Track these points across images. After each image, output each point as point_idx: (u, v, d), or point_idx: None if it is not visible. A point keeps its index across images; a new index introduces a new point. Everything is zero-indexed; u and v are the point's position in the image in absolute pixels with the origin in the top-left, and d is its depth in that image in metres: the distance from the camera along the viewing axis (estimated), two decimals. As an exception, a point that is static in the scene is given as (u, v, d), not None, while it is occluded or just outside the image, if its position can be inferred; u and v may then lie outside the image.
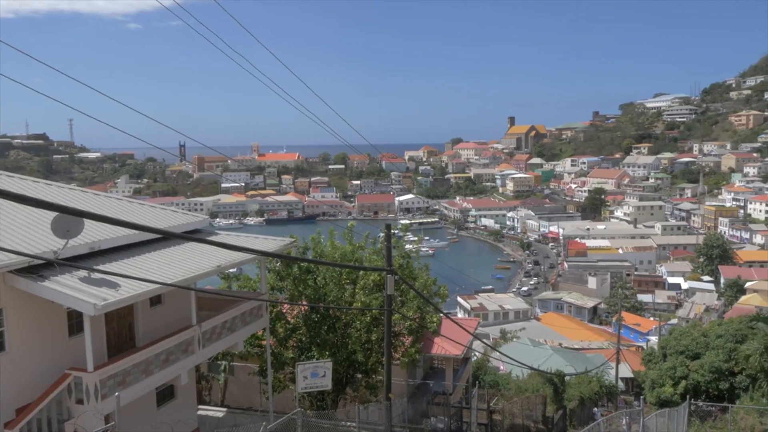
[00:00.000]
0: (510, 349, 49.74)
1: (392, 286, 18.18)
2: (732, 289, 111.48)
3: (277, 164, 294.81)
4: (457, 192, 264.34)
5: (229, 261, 18.22)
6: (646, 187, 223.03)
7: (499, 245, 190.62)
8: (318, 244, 24.86)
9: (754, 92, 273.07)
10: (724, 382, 34.68)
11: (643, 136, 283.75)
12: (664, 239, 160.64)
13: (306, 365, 19.45)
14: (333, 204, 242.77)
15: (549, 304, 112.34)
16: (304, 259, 23.77)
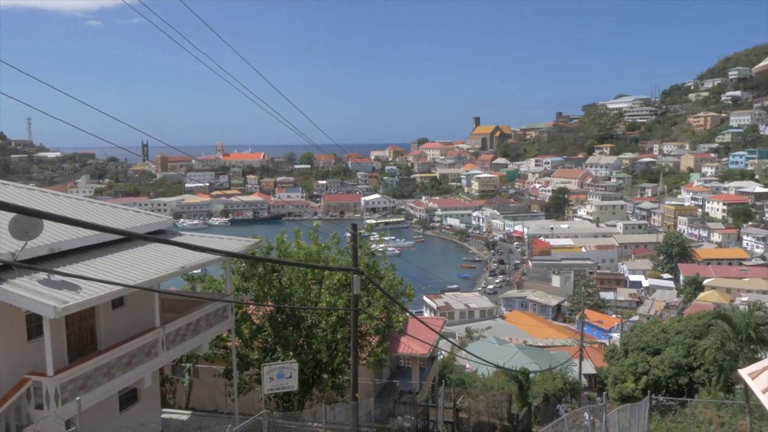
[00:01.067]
0: (476, 347, 50.20)
1: (358, 286, 18.20)
2: (691, 286, 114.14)
3: (242, 164, 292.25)
4: (422, 192, 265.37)
5: (193, 262, 18.04)
6: (608, 187, 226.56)
7: (464, 245, 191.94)
8: (283, 244, 24.74)
9: (712, 94, 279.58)
10: (684, 377, 35.54)
11: (605, 136, 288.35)
12: (626, 238, 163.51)
13: (272, 366, 19.36)
14: (299, 204, 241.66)
15: (514, 302, 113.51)
16: (270, 260, 23.64)
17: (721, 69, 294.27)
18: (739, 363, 24.71)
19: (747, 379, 8.46)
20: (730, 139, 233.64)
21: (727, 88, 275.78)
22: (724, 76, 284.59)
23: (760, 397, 7.96)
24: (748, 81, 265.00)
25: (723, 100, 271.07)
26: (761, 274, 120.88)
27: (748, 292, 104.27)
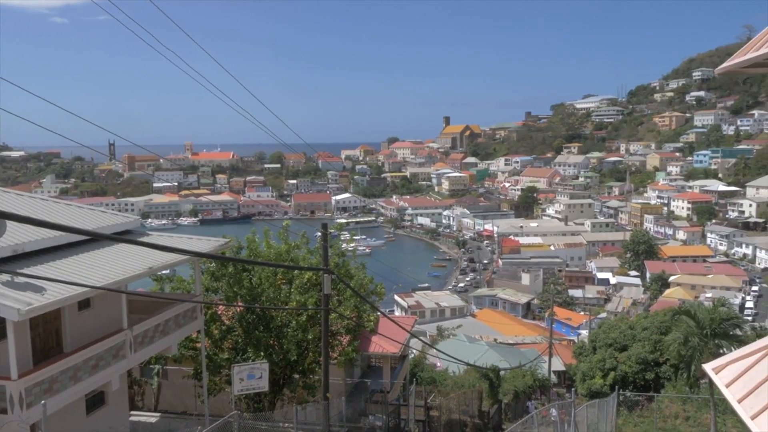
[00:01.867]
0: (447, 345, 50.43)
1: (329, 286, 18.16)
2: (657, 283, 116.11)
3: (212, 163, 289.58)
4: (393, 191, 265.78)
5: (161, 262, 17.83)
6: (576, 186, 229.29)
7: (435, 243, 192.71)
8: (253, 243, 24.58)
9: (676, 94, 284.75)
10: (650, 372, 36.18)
11: (573, 136, 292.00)
12: (594, 236, 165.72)
13: (242, 367, 19.22)
14: (269, 203, 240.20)
15: (484, 300, 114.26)
16: (239, 260, 23.45)
17: (686, 70, 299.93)
18: (704, 358, 25.22)
19: (711, 374, 8.62)
20: (694, 139, 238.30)
21: (692, 88, 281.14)
22: (689, 77, 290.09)
23: (724, 391, 8.12)
24: (712, 82, 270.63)
25: (687, 100, 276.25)
26: (724, 270, 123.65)
27: (712, 289, 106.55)
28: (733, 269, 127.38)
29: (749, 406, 7.43)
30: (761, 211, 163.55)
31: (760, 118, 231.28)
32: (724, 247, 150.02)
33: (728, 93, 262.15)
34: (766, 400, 7.25)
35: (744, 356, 8.43)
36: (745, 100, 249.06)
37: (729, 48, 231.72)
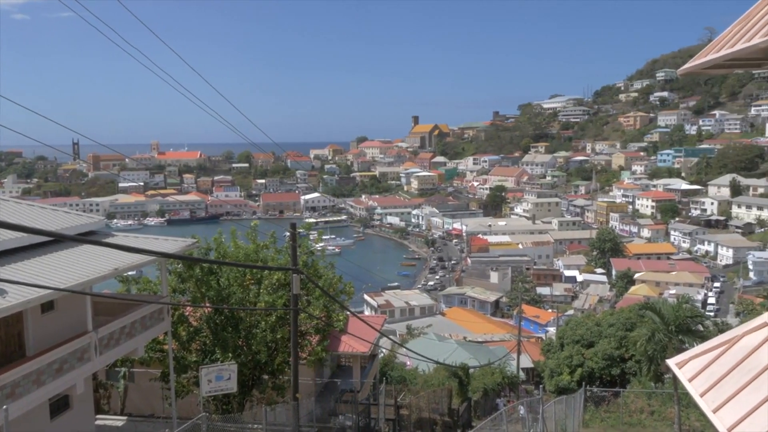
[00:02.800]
0: (416, 344, 50.59)
1: (298, 285, 18.08)
2: (622, 280, 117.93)
3: (179, 163, 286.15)
4: (362, 190, 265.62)
5: (127, 263, 17.57)
6: (543, 185, 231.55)
7: (404, 242, 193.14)
8: (220, 244, 24.34)
9: (641, 95, 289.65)
10: (616, 368, 36.71)
11: (540, 135, 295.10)
12: (561, 234, 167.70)
13: (210, 368, 19.04)
14: (237, 203, 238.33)
15: (453, 299, 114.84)
16: (207, 260, 23.21)
17: (649, 70, 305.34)
18: (668, 353, 25.71)
19: (674, 369, 8.78)
20: (658, 138, 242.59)
21: (655, 89, 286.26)
22: (652, 78, 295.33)
23: (687, 385, 8.27)
24: (675, 82, 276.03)
25: (651, 100, 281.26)
26: (687, 267, 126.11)
27: (675, 285, 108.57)
28: (695, 266, 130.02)
29: (711, 399, 7.59)
30: (722, 209, 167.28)
31: (721, 119, 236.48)
32: (687, 244, 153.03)
33: (690, 93, 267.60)
34: (727, 393, 7.41)
35: (706, 351, 8.61)
36: (707, 100, 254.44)
37: (691, 49, 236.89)
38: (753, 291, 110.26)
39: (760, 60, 8.44)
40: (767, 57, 8.24)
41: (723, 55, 7.34)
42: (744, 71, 43.08)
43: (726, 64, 8.35)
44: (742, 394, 7.20)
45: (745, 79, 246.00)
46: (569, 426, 24.95)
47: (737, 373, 7.63)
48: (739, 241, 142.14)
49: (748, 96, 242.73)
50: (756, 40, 6.51)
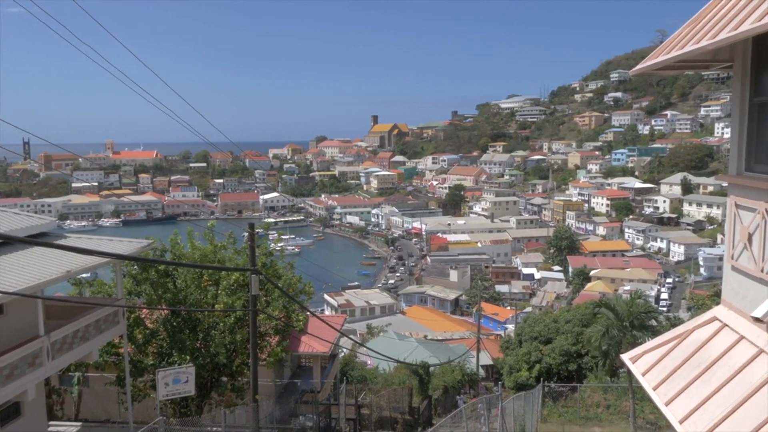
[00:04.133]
0: (377, 343, 50.59)
1: (257, 286, 17.93)
2: (579, 277, 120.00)
3: (134, 162, 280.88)
4: (322, 190, 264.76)
5: (80, 265, 17.15)
6: (501, 184, 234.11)
7: (364, 242, 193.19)
8: (176, 245, 23.96)
9: (595, 95, 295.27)
10: (573, 364, 37.37)
11: (498, 135, 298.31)
12: (519, 232, 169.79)
13: (167, 371, 18.76)
14: (195, 203, 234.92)
15: (413, 297, 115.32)
16: (163, 261, 22.84)
17: (604, 71, 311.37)
18: (622, 348, 26.26)
19: (628, 363, 8.96)
20: (612, 138, 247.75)
21: (609, 89, 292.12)
22: (606, 79, 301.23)
23: (640, 379, 8.45)
24: (628, 83, 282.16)
25: (605, 100, 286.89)
26: (641, 264, 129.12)
27: (630, 282, 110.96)
28: (649, 263, 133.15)
29: (663, 393, 7.77)
30: (674, 207, 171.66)
31: (672, 119, 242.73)
32: (641, 241, 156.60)
33: (643, 94, 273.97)
34: (678, 387, 7.60)
35: (658, 346, 8.81)
36: (659, 101, 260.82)
37: (643, 51, 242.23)
38: (703, 286, 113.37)
39: (708, 62, 8.68)
40: (715, 59, 8.48)
41: (673, 57, 7.52)
42: (694, 73, 44.54)
43: (676, 66, 8.56)
44: (693, 386, 7.39)
45: (695, 81, 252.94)
46: (528, 422, 25.30)
47: (688, 367, 7.83)
48: (690, 238, 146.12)
49: (698, 97, 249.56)
50: (704, 42, 6.69)
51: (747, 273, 7.60)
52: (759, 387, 6.51)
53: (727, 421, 6.49)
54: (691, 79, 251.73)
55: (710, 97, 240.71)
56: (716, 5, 7.36)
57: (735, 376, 6.96)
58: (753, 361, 6.95)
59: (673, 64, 7.92)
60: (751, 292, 7.48)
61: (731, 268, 8.11)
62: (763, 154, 7.51)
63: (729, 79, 20.30)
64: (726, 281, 8.35)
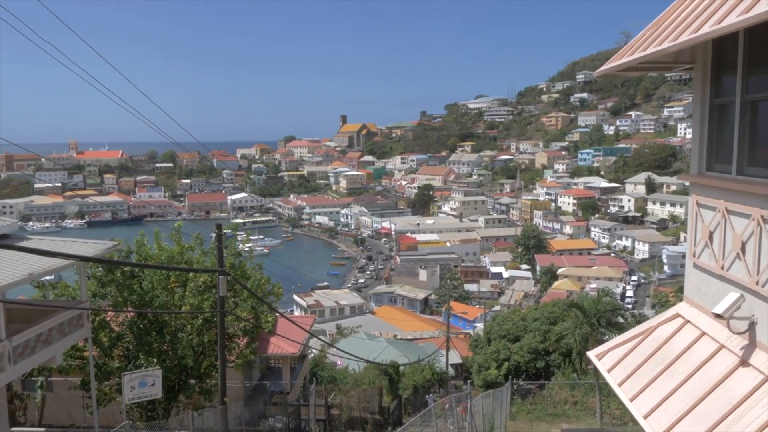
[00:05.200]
0: (346, 343, 50.52)
1: (224, 287, 17.78)
2: (546, 275, 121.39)
3: (99, 162, 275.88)
4: (291, 190, 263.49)
5: (43, 268, 16.81)
6: (470, 183, 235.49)
7: (333, 242, 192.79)
8: (142, 246, 23.62)
9: (562, 96, 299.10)
10: (541, 361, 37.76)
11: (466, 135, 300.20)
12: (487, 232, 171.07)
13: (133, 375, 18.49)
14: (161, 204, 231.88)
15: (383, 297, 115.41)
16: (129, 263, 22.50)
17: (570, 72, 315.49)
18: (589, 346, 26.64)
19: (594, 360, 9.09)
20: (578, 138, 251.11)
21: (575, 90, 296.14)
22: (573, 79, 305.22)
23: (606, 376, 8.58)
24: (594, 84, 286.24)
25: (572, 101, 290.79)
26: (607, 262, 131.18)
27: (596, 280, 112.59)
28: (614, 261, 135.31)
29: (628, 388, 7.90)
30: (638, 206, 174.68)
31: (636, 119, 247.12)
32: (607, 240, 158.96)
33: (608, 95, 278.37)
34: (643, 382, 7.73)
35: (623, 342, 8.96)
36: (624, 102, 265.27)
37: (608, 52, 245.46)
38: (667, 283, 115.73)
39: (671, 63, 8.85)
40: (677, 60, 8.65)
41: (636, 58, 7.65)
42: (657, 74, 44.64)
43: (639, 67, 8.71)
44: (657, 382, 7.53)
45: (658, 82, 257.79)
46: (497, 419, 25.49)
47: (652, 363, 7.97)
48: (654, 237, 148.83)
49: (661, 98, 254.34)
50: (666, 44, 6.82)
51: (708, 270, 7.77)
52: (719, 382, 6.66)
53: (690, 415, 6.63)
54: (655, 81, 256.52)
55: (673, 98, 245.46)
56: (678, 8, 7.51)
57: (697, 371, 7.11)
58: (714, 356, 7.11)
59: (636, 65, 8.06)
60: (712, 289, 7.65)
61: (693, 266, 8.28)
62: (723, 155, 7.68)
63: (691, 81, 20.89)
64: (688, 278, 8.52)
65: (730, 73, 7.38)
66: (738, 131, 7.15)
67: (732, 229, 7.11)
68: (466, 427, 21.58)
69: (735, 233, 7.02)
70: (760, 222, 6.51)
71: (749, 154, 7.06)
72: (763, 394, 6.05)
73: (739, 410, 6.11)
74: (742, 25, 5.40)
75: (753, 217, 6.63)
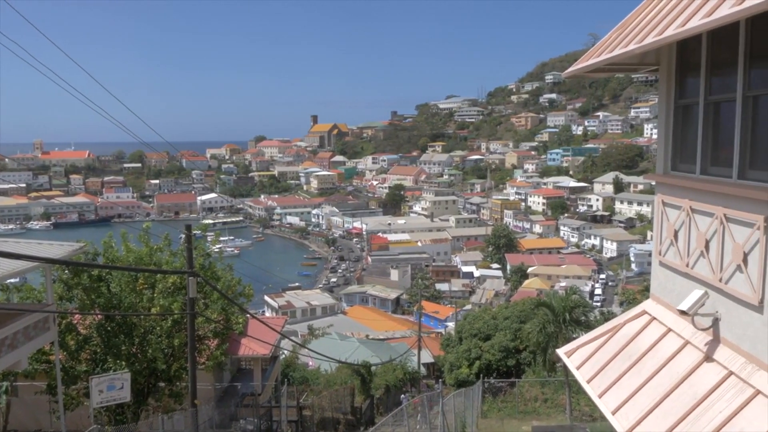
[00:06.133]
0: (318, 344, 50.39)
1: (194, 289, 17.62)
2: (516, 274, 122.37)
3: (65, 163, 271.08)
4: (261, 190, 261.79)
5: (7, 270, 16.48)
6: (440, 183, 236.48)
7: (304, 242, 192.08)
8: (111, 248, 23.26)
9: (531, 96, 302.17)
10: (512, 359, 38.10)
11: (437, 135, 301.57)
12: (458, 231, 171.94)
13: (101, 378, 18.22)
14: (129, 205, 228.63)
15: (354, 297, 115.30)
16: (97, 265, 22.13)
17: (539, 73, 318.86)
18: (559, 343, 26.96)
19: (564, 358, 9.21)
20: (547, 138, 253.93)
21: (544, 90, 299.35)
22: (542, 80, 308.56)
23: (575, 373, 8.70)
24: (562, 85, 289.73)
25: (541, 101, 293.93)
26: (576, 261, 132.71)
27: (565, 278, 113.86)
28: (583, 259, 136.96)
29: (597, 385, 8.02)
30: (606, 205, 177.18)
31: (604, 119, 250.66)
32: (575, 239, 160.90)
33: (577, 96, 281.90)
34: (611, 379, 7.85)
35: (592, 340, 9.09)
36: (592, 102, 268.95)
37: (576, 53, 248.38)
38: (635, 281, 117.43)
39: (637, 65, 9.00)
40: (643, 62, 8.80)
41: (603, 60, 7.76)
42: (624, 75, 45.39)
43: (606, 68, 8.85)
44: (624, 378, 7.65)
45: (625, 83, 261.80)
46: (468, 418, 25.64)
47: (620, 360, 8.10)
48: (622, 235, 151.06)
49: (628, 99, 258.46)
50: (632, 46, 6.93)
51: (674, 268, 7.91)
52: (685, 377, 6.80)
53: (656, 410, 6.75)
54: (622, 82, 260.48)
55: (640, 99, 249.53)
56: (644, 10, 7.65)
57: (663, 367, 7.24)
58: (679, 352, 7.25)
59: (603, 66, 8.18)
60: (677, 286, 7.80)
61: (659, 264, 8.43)
62: (687, 155, 7.84)
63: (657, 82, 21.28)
64: (654, 276, 8.67)
65: (693, 74, 7.54)
66: (701, 132, 7.30)
67: (696, 228, 7.25)
68: (438, 426, 21.67)
69: (699, 232, 7.16)
70: (723, 220, 6.65)
71: (712, 154, 7.21)
72: (727, 388, 6.19)
73: (703, 405, 6.24)
74: (705, 28, 5.52)
75: (716, 215, 6.78)
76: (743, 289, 6.28)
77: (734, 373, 6.23)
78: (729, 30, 6.39)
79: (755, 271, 6.08)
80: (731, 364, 6.34)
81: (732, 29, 6.37)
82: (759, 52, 6.24)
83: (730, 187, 6.58)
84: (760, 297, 5.99)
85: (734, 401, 5.95)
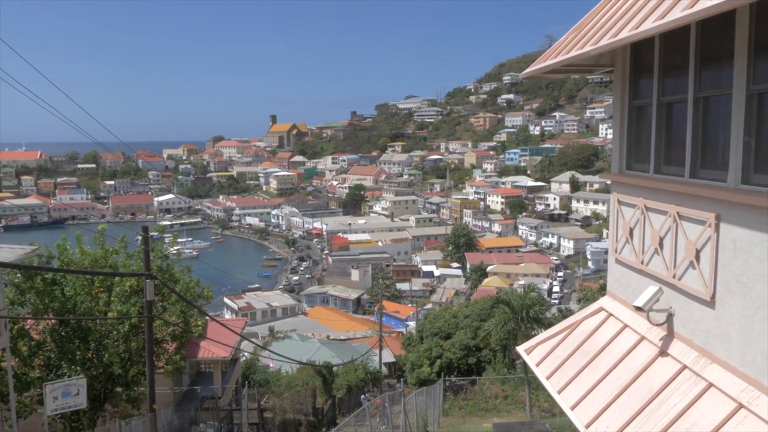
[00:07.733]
0: (279, 345, 50.12)
1: (152, 291, 17.33)
2: (476, 273, 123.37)
3: (16, 163, 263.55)
4: (220, 191, 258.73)
5: (-45, 275, 15.95)
6: (400, 183, 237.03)
7: (264, 243, 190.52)
8: (65, 251, 22.69)
9: (489, 97, 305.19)
10: (472, 357, 38.46)
11: (396, 135, 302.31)
12: (418, 231, 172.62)
13: (55, 384, 17.76)
14: (84, 206, 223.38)
15: (315, 298, 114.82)
16: (50, 268, 21.58)
17: (497, 74, 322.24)
18: (518, 341, 27.31)
19: (523, 355, 9.32)
20: (505, 138, 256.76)
21: (502, 91, 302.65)
22: (500, 81, 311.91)
23: (534, 369, 8.81)
24: (520, 85, 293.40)
25: (499, 102, 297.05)
26: (535, 259, 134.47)
27: (524, 276, 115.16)
28: (541, 257, 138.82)
29: (556, 381, 8.14)
30: (563, 204, 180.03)
31: (561, 120, 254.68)
32: (534, 237, 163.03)
33: (534, 96, 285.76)
34: (569, 375, 7.98)
35: (550, 337, 9.22)
36: (548, 103, 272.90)
37: (533, 55, 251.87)
38: (592, 279, 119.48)
39: (592, 66, 9.16)
40: (598, 63, 8.97)
41: (560, 61, 7.89)
42: (580, 76, 46.23)
43: (562, 69, 8.99)
44: (583, 374, 7.78)
45: (581, 84, 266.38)
46: (430, 416, 25.78)
47: (578, 356, 8.23)
48: (579, 233, 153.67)
49: (584, 99, 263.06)
50: (587, 47, 7.06)
51: (629, 265, 8.08)
52: (641, 372, 6.95)
53: (614, 405, 6.89)
54: (578, 83, 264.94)
55: (595, 100, 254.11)
56: (599, 12, 7.79)
57: (620, 362, 7.39)
58: (635, 348, 7.41)
59: (560, 67, 8.31)
60: (633, 283, 7.96)
61: (615, 261, 8.60)
62: (641, 154, 8.01)
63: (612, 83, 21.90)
64: (611, 273, 8.84)
65: (647, 76, 7.71)
66: (655, 132, 7.48)
67: (651, 226, 7.42)
68: (400, 426, 21.73)
69: (653, 229, 7.33)
70: (676, 218, 6.82)
71: (665, 153, 7.39)
72: (681, 382, 6.35)
73: (659, 398, 6.39)
74: (658, 31, 5.66)
75: (670, 213, 6.94)
76: (696, 285, 6.45)
77: (688, 367, 6.39)
78: (681, 33, 6.56)
79: (707, 268, 6.25)
80: (685, 358, 6.51)
81: (684, 32, 6.54)
82: (709, 55, 6.42)
83: (682, 185, 6.75)
84: (712, 293, 6.16)
85: (688, 394, 6.11)
